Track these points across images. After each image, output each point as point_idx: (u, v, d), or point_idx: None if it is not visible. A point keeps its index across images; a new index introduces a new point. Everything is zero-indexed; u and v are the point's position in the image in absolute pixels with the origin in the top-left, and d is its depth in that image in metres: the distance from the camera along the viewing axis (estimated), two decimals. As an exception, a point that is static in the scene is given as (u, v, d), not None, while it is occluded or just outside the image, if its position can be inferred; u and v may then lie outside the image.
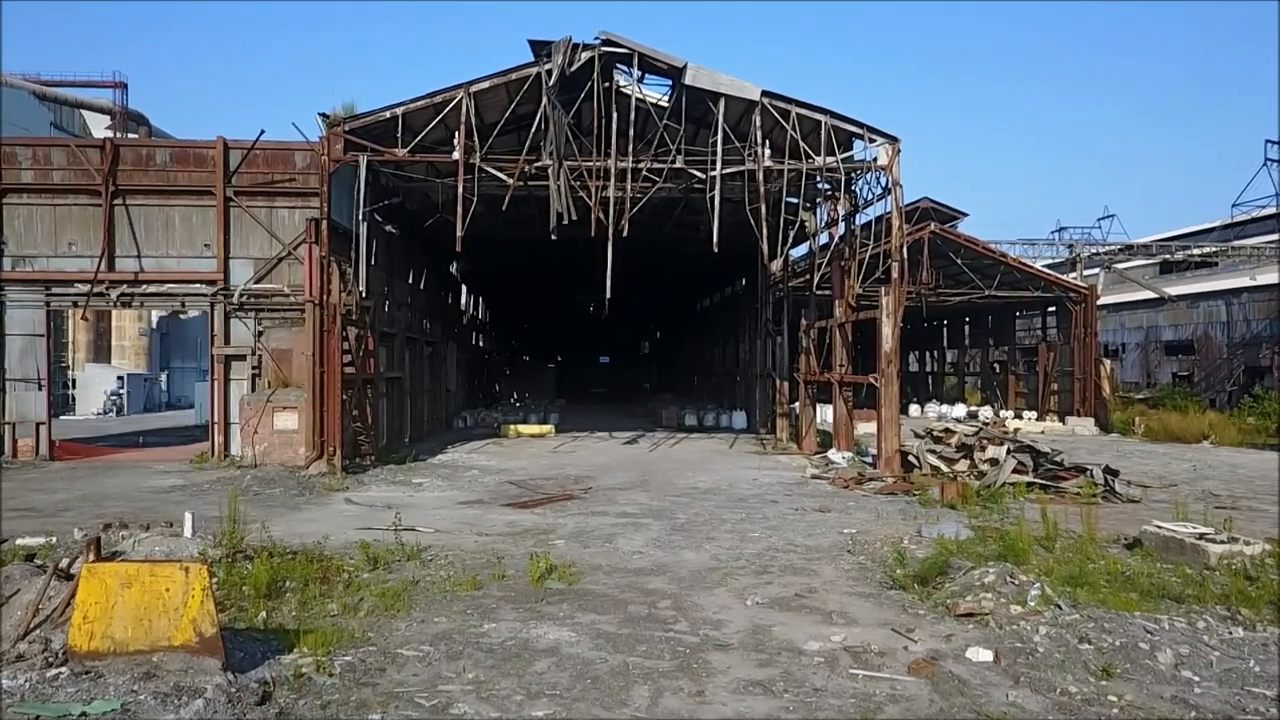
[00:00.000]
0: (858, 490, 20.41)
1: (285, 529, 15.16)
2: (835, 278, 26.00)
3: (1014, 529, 13.28)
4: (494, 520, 16.23)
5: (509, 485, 20.78)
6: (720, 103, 21.58)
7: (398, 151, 21.18)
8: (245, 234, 24.58)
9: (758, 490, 20.32)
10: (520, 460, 26.33)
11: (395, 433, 28.57)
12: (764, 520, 16.22)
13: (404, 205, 27.53)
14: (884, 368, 21.68)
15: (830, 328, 25.96)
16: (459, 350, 41.65)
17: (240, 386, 24.54)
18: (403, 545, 12.75)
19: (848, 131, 22.08)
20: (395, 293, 29.62)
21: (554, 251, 40.35)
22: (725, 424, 40.03)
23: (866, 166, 22.13)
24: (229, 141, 24.46)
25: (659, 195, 24.54)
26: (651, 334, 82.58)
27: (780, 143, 22.66)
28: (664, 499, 18.81)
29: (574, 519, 16.31)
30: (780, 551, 13.53)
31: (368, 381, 24.62)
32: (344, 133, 21.11)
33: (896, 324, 21.73)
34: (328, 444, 20.98)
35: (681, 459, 27.06)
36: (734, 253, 39.16)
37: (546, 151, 20.75)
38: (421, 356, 32.26)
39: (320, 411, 20.91)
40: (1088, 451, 28.44)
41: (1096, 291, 40.38)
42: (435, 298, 37.49)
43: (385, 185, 24.90)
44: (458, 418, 39.00)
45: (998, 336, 51.31)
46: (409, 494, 19.67)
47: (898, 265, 21.73)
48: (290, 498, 18.53)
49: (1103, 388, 39.02)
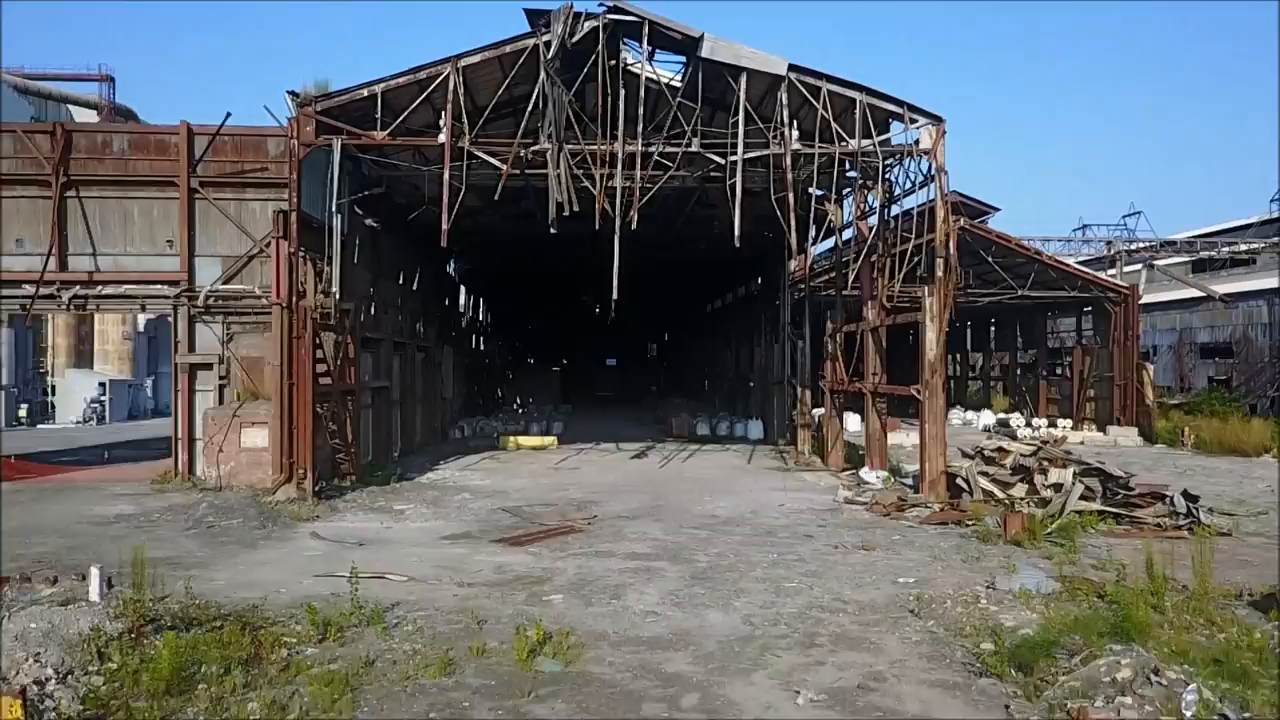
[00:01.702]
0: (900, 519, 17.88)
1: (230, 577, 12.73)
2: (865, 276, 23.49)
3: (1119, 585, 10.76)
4: (481, 563, 13.74)
5: (502, 513, 18.30)
6: (741, 79, 19.07)
7: (376, 134, 18.72)
8: (212, 229, 22.15)
9: (786, 519, 17.80)
10: (518, 479, 23.84)
11: (382, 447, 26.12)
12: (800, 563, 13.70)
13: (390, 198, 25.08)
14: (928, 378, 19.14)
15: (861, 332, 23.43)
16: (456, 355, 39.21)
17: (207, 398, 22.13)
18: (360, 608, 10.25)
19: (885, 111, 19.54)
20: (383, 294, 27.17)
21: (558, 250, 37.95)
22: (740, 434, 37.48)
23: (906, 151, 19.58)
24: (194, 127, 22.05)
25: (671, 185, 22.06)
26: (660, 336, 79.95)
27: (808, 126, 20.13)
28: (679, 531, 16.31)
29: (575, 561, 13.81)
30: (826, 610, 11.01)
31: (348, 393, 22.17)
32: (316, 113, 18.65)
33: (942, 328, 19.20)
34: (297, 465, 18.53)
35: (696, 477, 24.55)
36: (750, 250, 36.60)
37: (544, 133, 18.26)
38: (413, 363, 29.82)
39: (288, 429, 18.46)
40: (1143, 468, 25.79)
41: (1138, 291, 37.72)
42: (430, 299, 35.03)
43: (367, 175, 22.47)
44: (455, 427, 36.54)
45: (1027, 339, 48.66)
46: (387, 525, 17.21)
47: (943, 261, 19.19)
48: (248, 531, 16.06)
49: (1145, 394, 36.34)
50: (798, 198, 20.17)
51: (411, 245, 30.77)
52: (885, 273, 22.61)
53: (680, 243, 33.78)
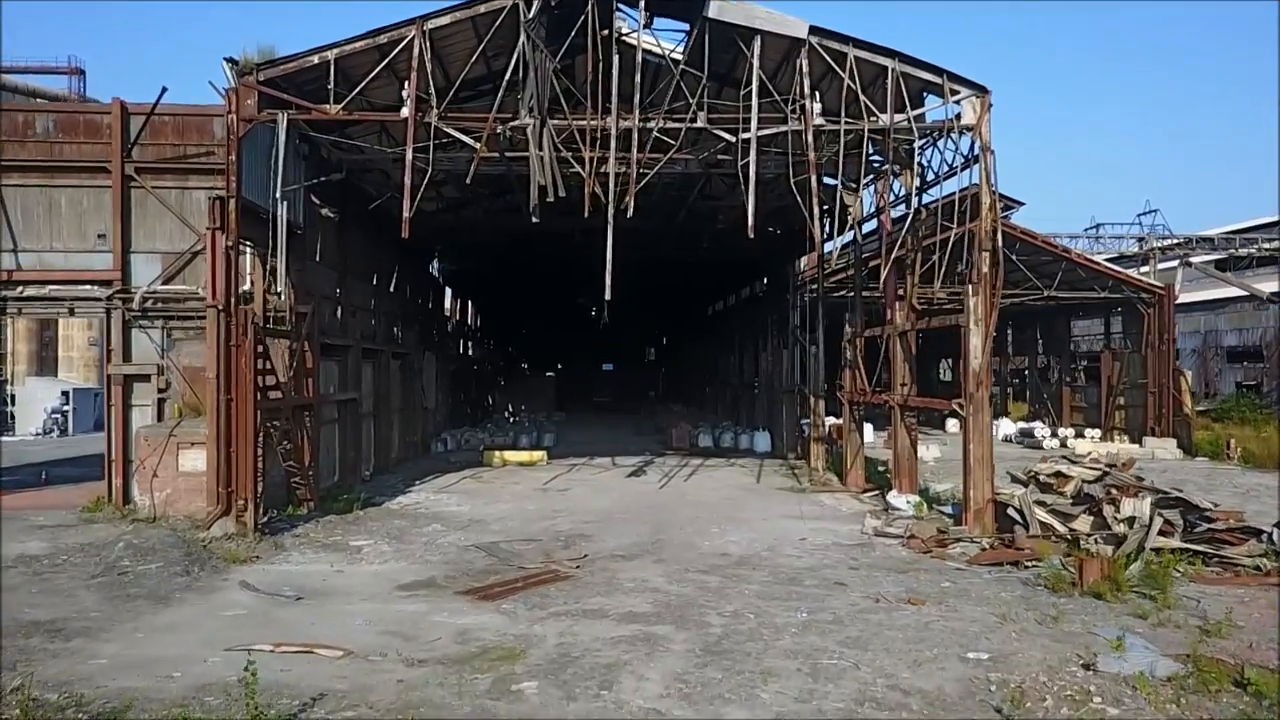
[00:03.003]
0: (943, 556, 15.20)
1: (119, 650, 10.07)
2: (892, 275, 20.83)
3: (1260, 671, 8.10)
4: (440, 627, 11.05)
5: (476, 551, 15.59)
6: (755, 44, 16.39)
7: (329, 108, 16.01)
8: (150, 221, 19.41)
9: (810, 558, 15.10)
10: (499, 503, 21.13)
11: (350, 467, 23.39)
12: (836, 626, 11.01)
13: (359, 187, 22.41)
14: (972, 391, 16.45)
15: (886, 337, 20.74)
16: (440, 362, 36.47)
17: (145, 414, 19.41)
18: (258, 717, 7.56)
19: (920, 82, 16.85)
20: (352, 296, 24.46)
21: (551, 247, 35.22)
22: (746, 446, 34.77)
23: (946, 126, 16.89)
24: (129, 105, 19.35)
25: (672, 171, 19.40)
26: (659, 339, 77.09)
27: (830, 104, 17.42)
28: (684, 578, 13.61)
29: (557, 624, 11.12)
30: (884, 708, 8.33)
31: (304, 407, 19.46)
32: (258, 84, 15.95)
33: (988, 333, 16.52)
34: (236, 495, 15.82)
35: (700, 499, 21.85)
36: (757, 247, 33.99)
37: (525, 107, 15.56)
38: (387, 371, 27.10)
39: (225, 452, 15.74)
40: (1196, 487, 23.09)
41: (1174, 290, 35.05)
42: (409, 302, 32.33)
43: (326, 159, 19.77)
44: (437, 440, 33.79)
45: (1048, 342, 45.95)
46: (338, 567, 14.50)
47: (989, 256, 16.51)
48: (166, 579, 13.33)
49: (1184, 403, 33.68)
50: (809, 187, 17.42)
51: (387, 242, 28.01)
52: (915, 270, 19.94)
53: (681, 238, 31.09)
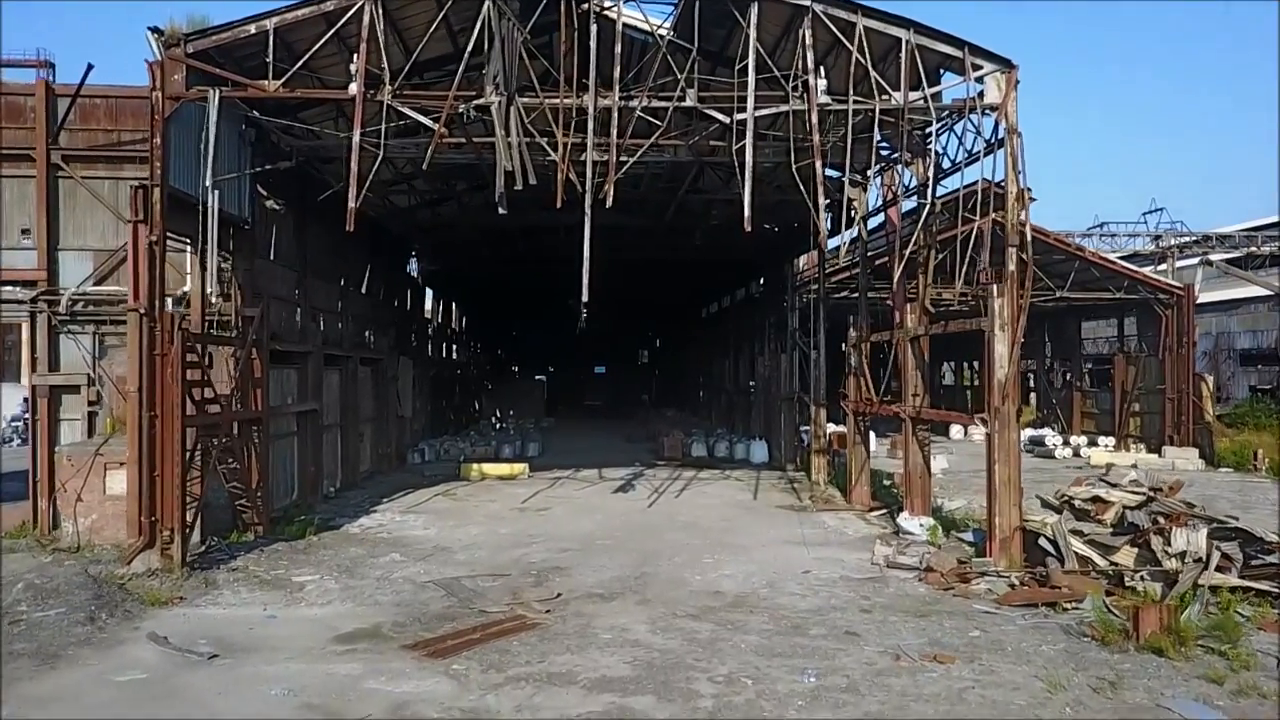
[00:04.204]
0: (967, 594, 13.31)
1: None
2: (900, 274, 18.95)
3: None
4: (373, 698, 9.11)
5: (434, 589, 13.65)
6: (752, 12, 14.47)
7: (268, 84, 14.06)
8: (81, 215, 17.54)
9: (816, 597, 13.19)
10: (470, 526, 19.19)
11: (310, 484, 21.40)
12: (851, 696, 9.08)
13: (320, 177, 20.45)
14: (997, 405, 14.55)
15: (896, 342, 18.85)
16: (419, 367, 34.47)
17: (74, 429, 17.50)
18: None
19: (938, 56, 14.95)
20: (314, 297, 22.49)
21: (536, 245, 33.34)
22: (742, 455, 32.84)
23: (968, 106, 14.97)
24: (55, 86, 17.46)
25: (660, 161, 17.50)
26: (653, 342, 75.07)
27: (836, 82, 15.50)
28: (670, 626, 11.68)
29: (513, 695, 9.18)
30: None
31: (253, 421, 17.51)
32: (187, 56, 13.99)
33: (1015, 339, 14.63)
34: (162, 524, 13.86)
35: (692, 520, 19.92)
36: (753, 246, 32.07)
37: (489, 81, 13.64)
38: (353, 379, 25.10)
39: (150, 476, 13.79)
40: (1231, 504, 21.25)
41: (1194, 291, 33.19)
42: (383, 304, 30.37)
43: (276, 145, 17.83)
44: (415, 450, 31.81)
45: (1057, 345, 44.05)
46: (273, 610, 12.55)
47: (1016, 252, 14.62)
48: (65, 629, 11.36)
49: (1205, 410, 31.86)
50: (810, 179, 15.48)
51: (356, 240, 26.06)
52: (928, 269, 18.06)
53: (673, 235, 29.19)
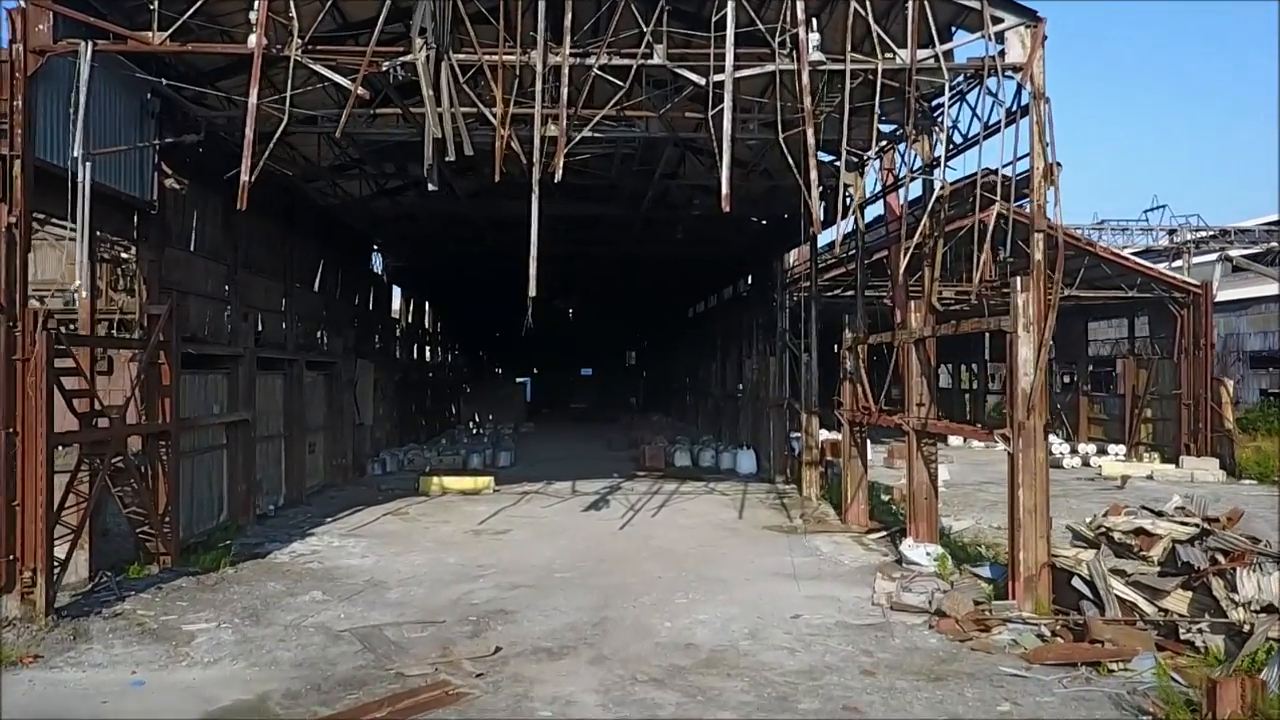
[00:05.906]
0: (989, 647, 11.06)
1: None
2: (903, 268, 16.76)
3: None
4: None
5: (349, 642, 11.33)
6: (730, -46, 12.20)
7: (151, 36, 11.75)
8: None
9: (808, 652, 10.92)
10: (414, 554, 16.86)
11: (240, 504, 19.05)
12: (854, 821, 6.81)
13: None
14: (1021, 418, 12.31)
15: (899, 345, 16.61)
16: (384, 371, 32.10)
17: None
18: None
19: (952, 8, 12.64)
20: (247, 295, 20.13)
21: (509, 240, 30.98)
22: (728, 465, 30.59)
23: (986, 65, 12.70)
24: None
25: (630, 132, 15.21)
26: (640, 342, 72.72)
27: (832, 42, 13.24)
28: (626, 698, 9.40)
29: (403, 818, 6.87)
30: None
31: (159, 435, 15.18)
32: (55, 1, 11.67)
33: (1043, 341, 12.38)
34: (22, 565, 11.54)
35: (668, 546, 17.65)
36: (739, 238, 29.86)
37: (415, 31, 11.35)
38: (299, 385, 22.74)
39: (7, 506, 11.46)
40: (1267, 524, 19.05)
41: (1212, 289, 31.09)
42: (339, 302, 28.02)
43: (187, 117, 15.50)
44: (376, 461, 29.48)
45: (1062, 346, 41.85)
46: (144, 674, 10.23)
47: (1043, 239, 12.39)
48: None
49: (1224, 416, 29.77)
50: (804, 158, 13.21)
51: (303, 231, 23.78)
52: (935, 263, 15.82)
53: (653, 227, 26.92)
